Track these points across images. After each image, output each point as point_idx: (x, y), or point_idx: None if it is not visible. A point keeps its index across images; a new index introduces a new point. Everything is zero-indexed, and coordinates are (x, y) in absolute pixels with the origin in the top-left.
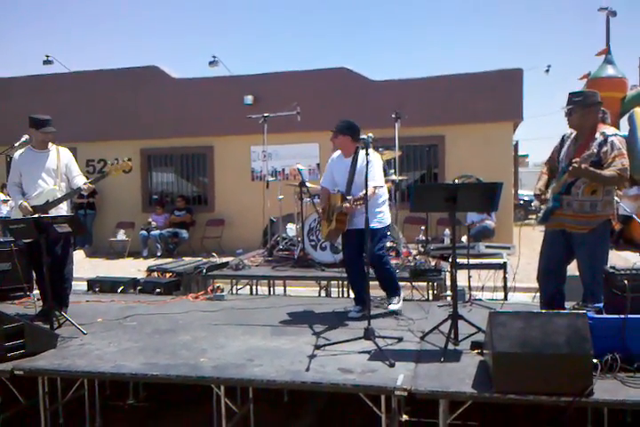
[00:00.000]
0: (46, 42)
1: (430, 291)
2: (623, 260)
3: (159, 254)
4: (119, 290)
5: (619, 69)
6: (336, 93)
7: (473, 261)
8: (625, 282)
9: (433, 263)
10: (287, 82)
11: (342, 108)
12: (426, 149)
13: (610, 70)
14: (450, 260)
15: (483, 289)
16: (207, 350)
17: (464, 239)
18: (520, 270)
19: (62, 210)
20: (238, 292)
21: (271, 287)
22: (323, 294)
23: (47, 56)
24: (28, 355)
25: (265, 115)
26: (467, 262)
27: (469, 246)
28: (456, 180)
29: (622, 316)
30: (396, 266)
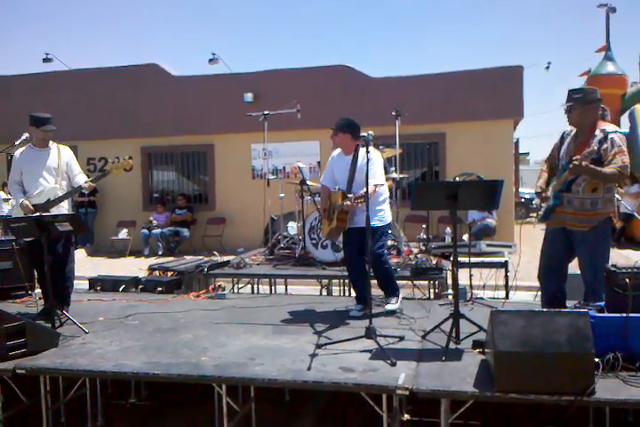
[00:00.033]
0: (46, 40)
1: (431, 289)
2: (624, 258)
3: (160, 253)
4: (121, 289)
5: (619, 66)
6: (336, 91)
7: (474, 259)
8: (626, 280)
9: (434, 262)
10: (287, 79)
11: (343, 105)
12: (426, 147)
13: (610, 67)
14: (451, 258)
15: (484, 288)
16: (208, 349)
17: (465, 238)
18: (521, 269)
19: (63, 208)
20: (239, 290)
21: (272, 286)
22: (324, 293)
23: (47, 54)
24: (30, 354)
25: (265, 112)
26: (468, 261)
27: (471, 245)
28: (457, 178)
29: (624, 314)
30: (398, 264)
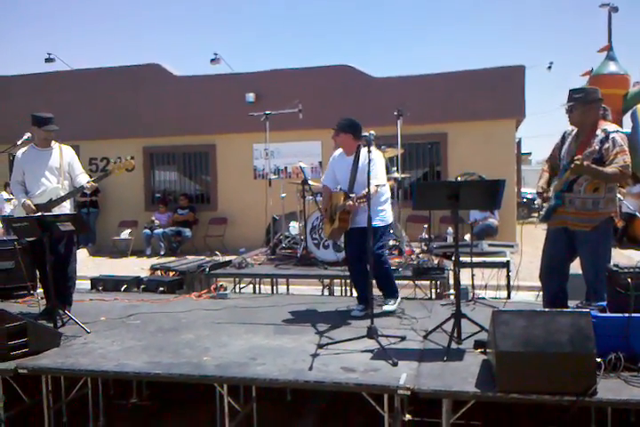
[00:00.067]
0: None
1: (433, 289)
2: (627, 258)
3: (162, 253)
4: (122, 289)
5: (621, 66)
6: (338, 91)
7: (476, 259)
8: (628, 280)
9: (436, 262)
10: (289, 79)
11: (344, 105)
12: (428, 147)
13: (612, 67)
14: (453, 258)
15: (486, 288)
16: (210, 349)
17: (467, 238)
18: (523, 269)
19: (65, 208)
20: (241, 290)
21: (274, 286)
22: (325, 293)
23: (49, 54)
24: (32, 354)
25: (267, 112)
26: (470, 261)
27: (472, 245)
28: (458, 177)
29: (626, 314)
30: (399, 264)
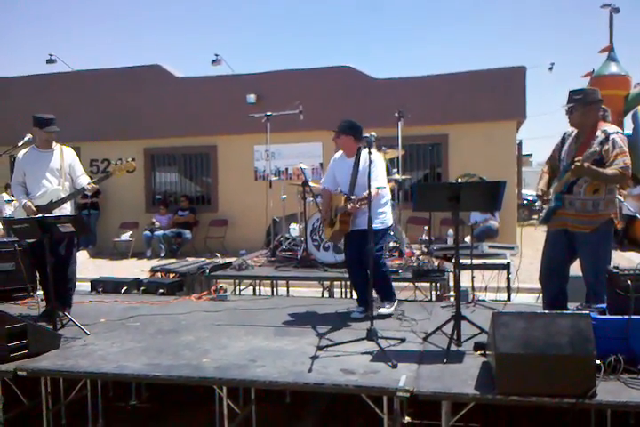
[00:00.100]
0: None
1: (433, 291)
2: (627, 260)
3: (163, 255)
4: (122, 290)
5: (622, 67)
6: (339, 92)
7: (476, 261)
8: (628, 282)
9: (436, 264)
10: (290, 80)
11: (345, 106)
12: (429, 148)
13: (613, 68)
14: (453, 260)
15: (486, 290)
16: (210, 351)
17: (467, 239)
18: (524, 271)
19: (66, 210)
20: (241, 292)
21: (274, 288)
22: (326, 295)
23: (50, 55)
24: (31, 355)
25: (268, 114)
26: (470, 263)
27: (473, 247)
28: (459, 179)
29: (626, 316)
30: (399, 266)
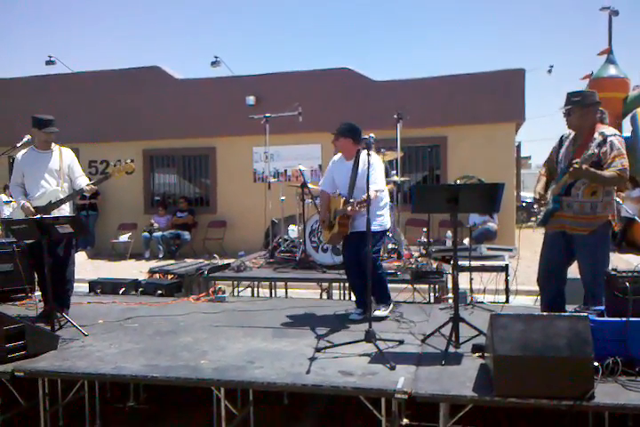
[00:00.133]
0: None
1: (432, 293)
2: (625, 262)
3: (161, 256)
4: (121, 291)
5: (621, 69)
6: (338, 94)
7: (475, 263)
8: (627, 284)
9: (434, 265)
10: (289, 82)
11: (344, 108)
12: (428, 150)
13: (612, 70)
14: (451, 262)
15: (484, 292)
16: (208, 352)
17: (466, 241)
18: (522, 273)
19: (65, 211)
20: (240, 294)
21: (273, 289)
22: (324, 297)
23: (50, 56)
24: (29, 356)
25: (267, 115)
26: (468, 265)
27: (471, 249)
28: (457, 180)
29: (624, 319)
30: (398, 268)
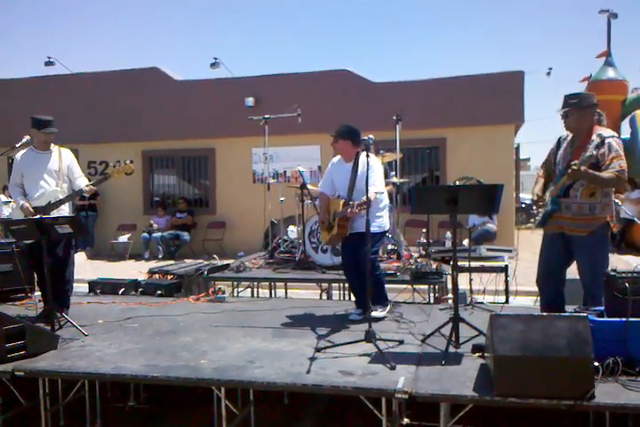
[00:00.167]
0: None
1: (431, 294)
2: (625, 264)
3: (161, 257)
4: (120, 292)
5: (619, 72)
6: (337, 95)
7: (474, 264)
8: (626, 285)
9: (434, 266)
10: (288, 84)
11: (343, 110)
12: (427, 152)
13: (610, 73)
14: (451, 262)
15: (484, 292)
16: (208, 352)
17: (465, 242)
18: (521, 274)
19: (64, 211)
20: (239, 294)
21: (272, 290)
22: (324, 297)
23: (49, 57)
24: (29, 356)
25: (266, 117)
26: (468, 265)
27: (471, 249)
28: (456, 181)
29: (624, 319)
30: (398, 269)
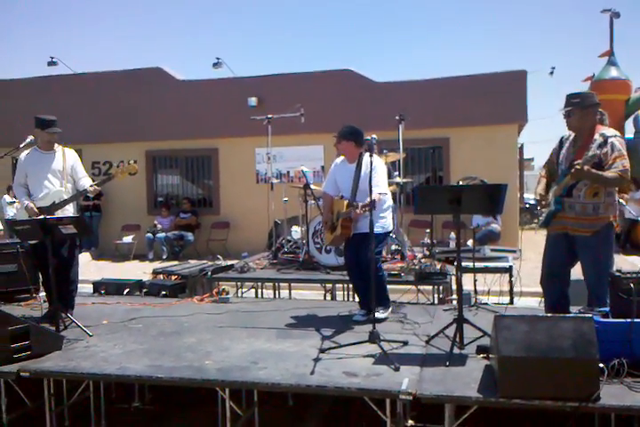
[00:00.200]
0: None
1: (436, 294)
2: (630, 264)
3: (165, 257)
4: (125, 292)
5: (622, 71)
6: (340, 95)
7: (478, 264)
8: (631, 285)
9: (438, 267)
10: (291, 84)
11: (346, 109)
12: (430, 152)
13: (613, 72)
14: (455, 263)
15: (489, 293)
16: (212, 353)
17: (469, 243)
18: (526, 274)
19: (68, 211)
20: (243, 295)
21: (276, 290)
22: (328, 298)
23: (52, 57)
24: (34, 357)
25: (269, 116)
26: (472, 266)
27: (475, 250)
28: (460, 181)
29: (629, 320)
30: (402, 269)
